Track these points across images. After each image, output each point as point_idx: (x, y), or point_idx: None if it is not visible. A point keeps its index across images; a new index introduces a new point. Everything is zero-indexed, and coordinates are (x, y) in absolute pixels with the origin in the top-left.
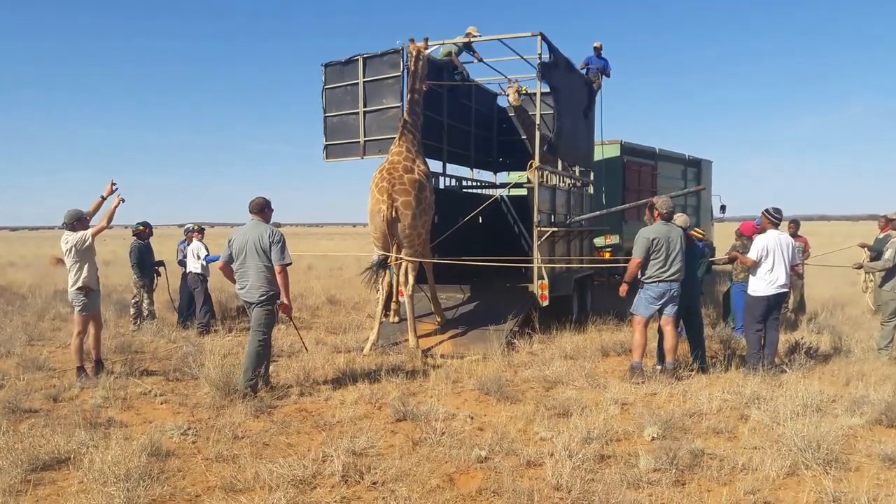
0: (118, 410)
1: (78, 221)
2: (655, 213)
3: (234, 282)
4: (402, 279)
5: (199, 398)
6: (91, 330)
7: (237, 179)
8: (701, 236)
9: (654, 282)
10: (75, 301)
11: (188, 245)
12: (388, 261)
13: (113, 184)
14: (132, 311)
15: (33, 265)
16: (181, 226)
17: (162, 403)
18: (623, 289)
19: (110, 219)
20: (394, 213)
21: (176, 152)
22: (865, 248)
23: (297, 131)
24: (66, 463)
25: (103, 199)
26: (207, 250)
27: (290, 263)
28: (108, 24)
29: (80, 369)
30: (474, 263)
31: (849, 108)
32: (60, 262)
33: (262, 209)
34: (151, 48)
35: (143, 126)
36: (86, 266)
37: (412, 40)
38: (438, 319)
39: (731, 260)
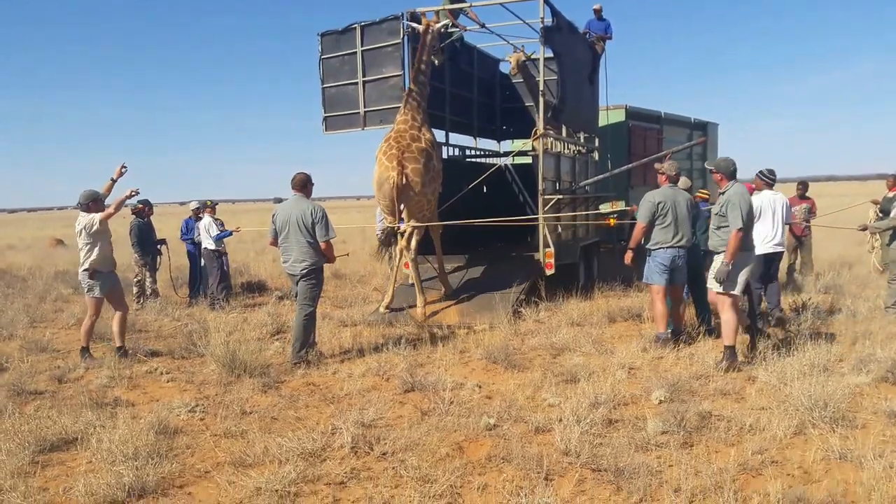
0: (124, 390)
1: (93, 202)
2: (662, 176)
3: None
4: (403, 244)
5: (206, 375)
6: (116, 314)
7: (239, 157)
8: (706, 197)
9: (662, 248)
10: (83, 283)
11: (196, 222)
12: (397, 229)
13: (123, 166)
14: (135, 290)
15: (33, 247)
16: (182, 203)
17: (168, 381)
18: (628, 256)
19: (119, 207)
20: (403, 180)
21: (173, 129)
22: (877, 206)
23: (297, 106)
24: (74, 443)
25: (114, 181)
26: (223, 226)
27: (335, 237)
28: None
29: (85, 350)
30: (484, 224)
31: (856, 67)
32: (60, 242)
33: (304, 185)
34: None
35: (143, 105)
36: (95, 248)
37: (415, 13)
38: (444, 290)
39: None
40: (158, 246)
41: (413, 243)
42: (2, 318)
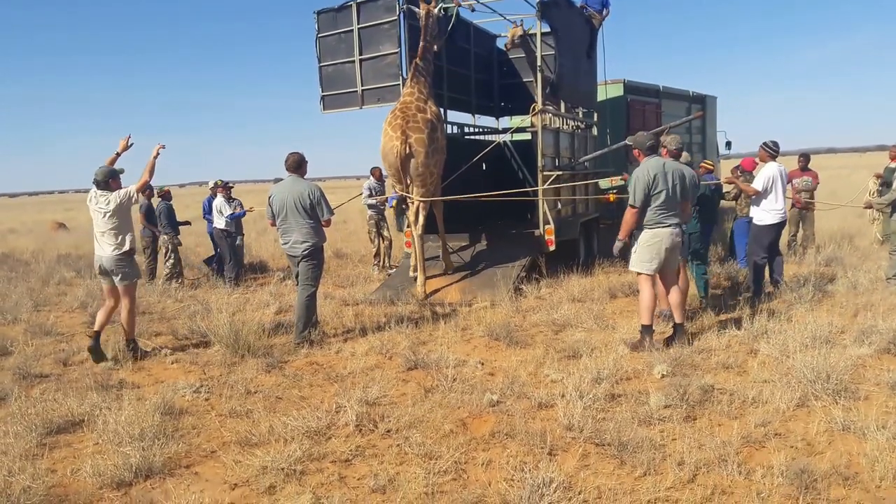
0: (129, 372)
1: (112, 178)
2: (663, 150)
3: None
4: (412, 218)
5: (210, 356)
6: (125, 303)
7: (235, 137)
8: (711, 168)
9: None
10: (119, 268)
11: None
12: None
13: (129, 139)
14: (166, 271)
15: (34, 231)
16: (182, 186)
17: (173, 363)
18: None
19: (152, 171)
20: (407, 149)
21: (168, 110)
22: (878, 179)
23: (294, 86)
24: (81, 425)
25: (118, 155)
26: (241, 206)
27: (334, 214)
28: None
29: (132, 341)
30: (485, 200)
31: (854, 38)
32: (61, 226)
33: (298, 165)
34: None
35: (141, 86)
36: (129, 226)
37: None
38: (446, 267)
39: (737, 196)
40: (159, 230)
41: (421, 219)
42: (6, 302)
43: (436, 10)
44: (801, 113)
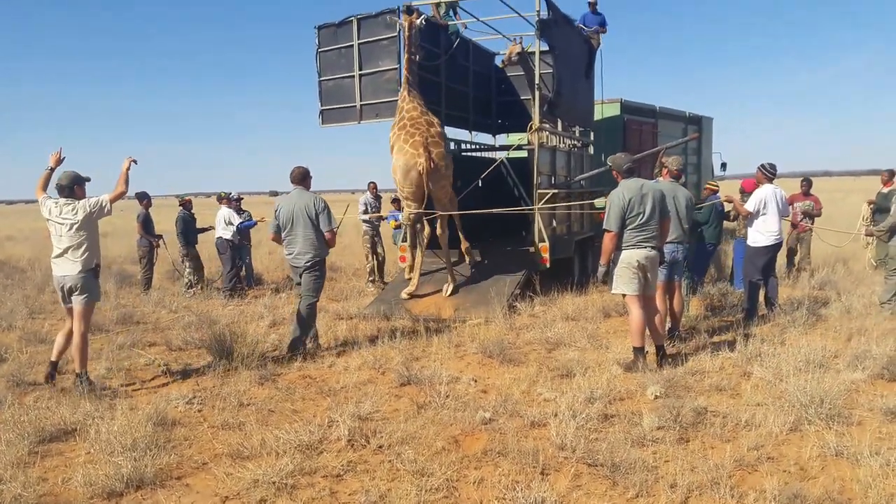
0: (122, 382)
1: (78, 185)
2: (664, 171)
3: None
4: (440, 230)
5: (203, 367)
6: (79, 327)
7: (233, 149)
8: (716, 189)
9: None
10: (84, 286)
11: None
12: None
13: (60, 152)
14: (185, 280)
15: (31, 238)
16: (177, 196)
17: (166, 373)
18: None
19: (126, 182)
20: (431, 164)
21: (167, 120)
22: (871, 204)
23: (289, 99)
24: (73, 434)
25: (51, 170)
26: (250, 217)
27: (337, 227)
28: None
29: (84, 375)
30: (481, 216)
31: (847, 63)
32: None
33: (303, 178)
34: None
35: (136, 95)
36: (95, 239)
37: (408, 8)
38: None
39: (736, 216)
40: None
41: (445, 231)
42: (1, 309)
43: (418, 22)
44: (794, 136)
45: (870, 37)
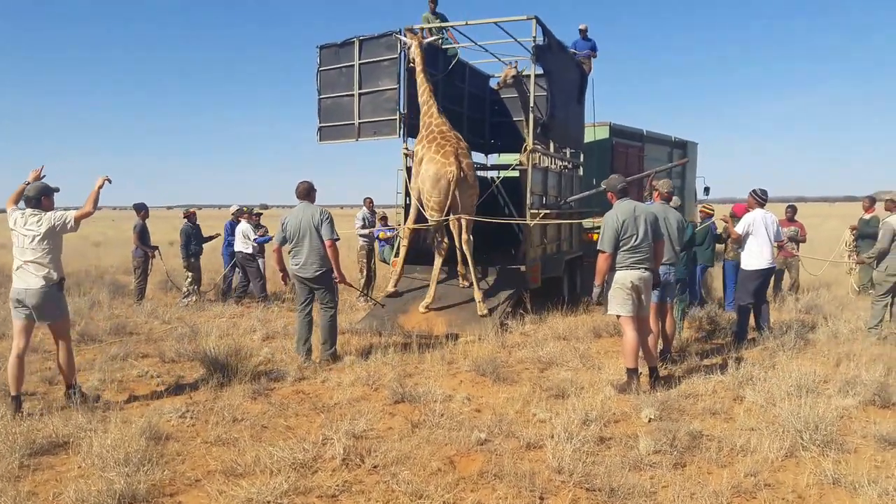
0: (115, 393)
1: (46, 196)
2: (655, 193)
3: (279, 263)
4: (465, 237)
5: (196, 380)
6: (63, 344)
7: (220, 162)
8: (711, 212)
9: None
10: (48, 304)
11: (236, 225)
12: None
13: (41, 170)
14: (186, 289)
15: None
16: (169, 208)
17: (158, 385)
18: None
19: (95, 202)
20: (461, 173)
21: (159, 133)
22: (853, 231)
23: (282, 114)
24: (65, 447)
25: (28, 185)
26: (266, 232)
27: (339, 239)
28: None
29: (75, 388)
30: (512, 222)
31: (819, 91)
32: None
33: (308, 192)
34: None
35: (129, 106)
36: (59, 253)
37: (409, 29)
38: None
39: (726, 239)
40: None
41: (470, 236)
42: None
43: (424, 42)
44: (767, 161)
45: (834, 70)
